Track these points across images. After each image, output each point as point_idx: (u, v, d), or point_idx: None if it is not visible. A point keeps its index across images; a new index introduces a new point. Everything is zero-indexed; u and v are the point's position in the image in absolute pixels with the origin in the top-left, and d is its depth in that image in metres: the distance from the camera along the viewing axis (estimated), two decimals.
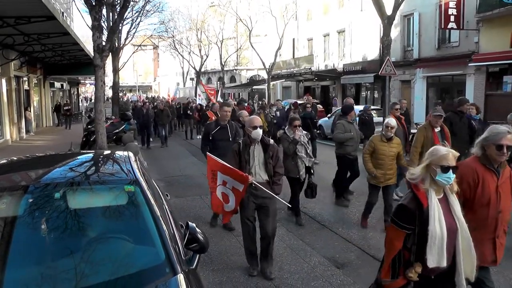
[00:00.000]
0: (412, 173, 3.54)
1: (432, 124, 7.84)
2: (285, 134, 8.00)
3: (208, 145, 7.87)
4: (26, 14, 12.55)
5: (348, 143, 9.10)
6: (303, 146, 7.83)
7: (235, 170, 5.44)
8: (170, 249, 3.09)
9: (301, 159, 7.77)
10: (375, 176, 7.44)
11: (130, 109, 28.76)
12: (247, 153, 5.71)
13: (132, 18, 30.27)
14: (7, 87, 19.92)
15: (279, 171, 5.85)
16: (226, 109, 8.07)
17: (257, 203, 5.76)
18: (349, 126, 9.21)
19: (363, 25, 29.78)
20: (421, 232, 3.38)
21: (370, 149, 7.53)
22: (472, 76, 20.71)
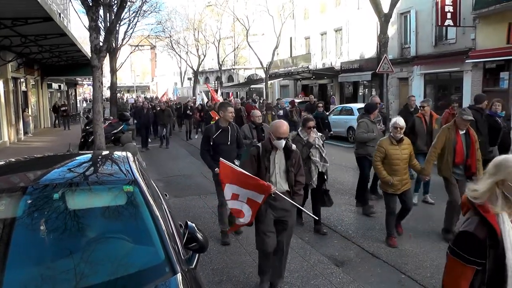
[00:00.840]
0: (475, 190, 2.63)
1: (458, 126, 6.97)
2: (299, 136, 7.29)
3: (209, 150, 7.19)
4: (23, 16, 12.53)
5: (370, 144, 8.45)
6: (318, 150, 7.24)
7: (255, 178, 4.83)
8: (169, 248, 3.09)
9: (315, 164, 7.18)
10: (391, 185, 6.72)
11: (128, 110, 28.78)
12: (267, 159, 5.12)
13: (129, 19, 30.33)
14: (5, 88, 19.89)
15: (300, 180, 5.26)
16: (230, 110, 7.23)
17: (276, 216, 5.15)
18: (372, 125, 8.64)
19: (360, 23, 29.82)
20: (495, 268, 2.48)
21: (381, 155, 6.83)
22: (469, 73, 20.76)
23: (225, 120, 7.19)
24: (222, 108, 7.28)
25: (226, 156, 6.27)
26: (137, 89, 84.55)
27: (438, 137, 7.14)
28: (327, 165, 7.41)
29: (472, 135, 7.03)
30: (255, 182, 4.81)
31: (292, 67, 39.26)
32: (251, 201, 4.88)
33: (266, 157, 5.11)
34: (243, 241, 7.01)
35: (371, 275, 5.77)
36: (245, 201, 4.90)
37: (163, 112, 20.10)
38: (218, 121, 7.23)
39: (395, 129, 6.75)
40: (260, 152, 5.15)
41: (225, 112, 7.17)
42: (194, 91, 47.68)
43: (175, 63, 59.81)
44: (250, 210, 4.93)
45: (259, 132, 8.21)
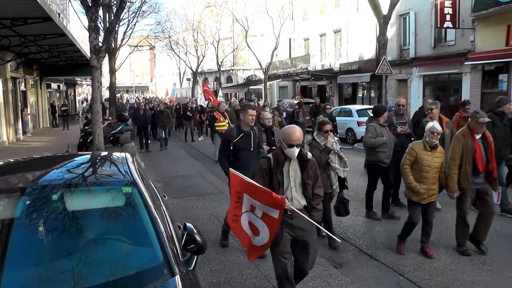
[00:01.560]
0: None
1: (474, 130, 6.43)
2: (315, 140, 6.76)
3: (228, 157, 6.54)
4: (22, 16, 12.53)
5: (380, 149, 7.94)
6: (336, 155, 6.78)
7: (267, 191, 4.21)
8: (168, 250, 3.10)
9: (335, 171, 6.71)
10: (417, 192, 6.25)
11: (127, 110, 28.75)
12: (280, 172, 4.50)
13: (128, 19, 30.23)
14: (4, 88, 19.88)
15: (318, 193, 4.65)
16: (251, 113, 6.52)
17: (294, 235, 4.55)
18: (381, 129, 8.02)
19: (359, 25, 29.82)
20: None
21: (411, 158, 6.35)
22: (468, 75, 20.77)
23: (246, 124, 6.53)
24: (242, 110, 6.65)
25: (247, 163, 6.24)
26: (136, 90, 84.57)
27: (454, 148, 6.49)
28: (347, 169, 6.94)
29: (488, 136, 6.58)
30: (266, 195, 4.18)
31: (291, 68, 39.27)
32: (267, 217, 4.25)
33: (279, 169, 4.51)
34: None
35: (370, 277, 5.77)
36: (260, 215, 4.31)
37: (162, 113, 19.51)
38: (240, 125, 6.57)
39: (431, 134, 6.22)
40: (272, 165, 4.54)
41: (245, 115, 6.51)
42: (193, 92, 47.72)
43: (174, 63, 59.85)
44: (266, 228, 4.29)
45: (269, 136, 7.73)
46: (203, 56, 48.61)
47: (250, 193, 4.31)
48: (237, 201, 4.46)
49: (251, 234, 4.48)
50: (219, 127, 14.25)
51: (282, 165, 4.52)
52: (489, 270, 5.90)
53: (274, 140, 7.58)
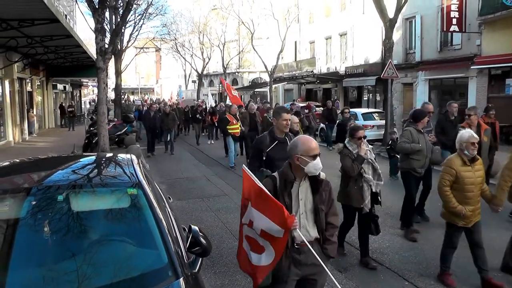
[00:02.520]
0: None
1: None
2: (346, 148, 6.18)
3: (260, 167, 5.67)
4: (29, 17, 12.58)
5: (415, 156, 7.34)
6: (370, 165, 6.12)
7: (279, 205, 3.45)
8: (172, 252, 3.10)
9: (367, 183, 6.06)
10: (463, 216, 5.37)
11: (133, 111, 28.79)
12: (288, 195, 3.68)
13: (134, 21, 30.34)
14: (10, 88, 19.97)
15: (333, 222, 3.81)
16: (285, 117, 5.68)
17: (302, 274, 3.70)
18: (418, 135, 7.40)
19: (365, 28, 29.80)
20: None
21: (451, 178, 5.43)
22: (474, 79, 20.71)
23: (280, 131, 5.69)
24: (275, 114, 5.84)
25: None
26: (142, 91, 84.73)
27: (508, 167, 5.75)
28: (381, 183, 6.23)
29: None
30: (278, 210, 3.41)
31: (296, 71, 39.25)
32: (268, 235, 3.53)
33: (287, 191, 3.68)
34: None
35: (374, 282, 5.75)
36: (258, 232, 3.58)
37: (167, 116, 18.64)
38: (273, 131, 5.75)
39: (471, 145, 5.37)
40: (278, 185, 3.74)
41: (279, 120, 5.66)
42: (198, 94, 47.79)
43: (180, 65, 59.91)
44: (270, 246, 3.54)
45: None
46: (208, 58, 48.66)
47: (256, 203, 3.58)
48: (244, 206, 3.80)
49: (249, 251, 3.75)
50: (231, 130, 14.24)
51: (290, 186, 3.69)
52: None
53: None
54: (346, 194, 6.17)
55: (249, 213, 3.67)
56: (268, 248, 3.53)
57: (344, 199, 6.24)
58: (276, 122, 5.77)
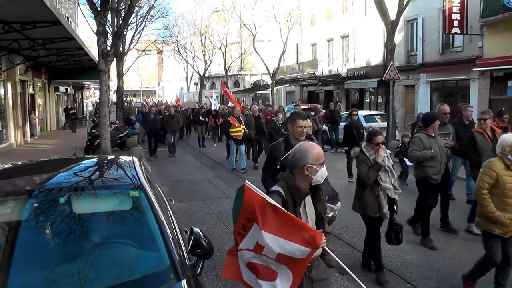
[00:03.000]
0: None
1: None
2: (363, 154, 5.83)
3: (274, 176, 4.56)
4: (32, 19, 12.61)
5: (429, 163, 6.96)
6: (388, 172, 5.79)
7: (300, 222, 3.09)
8: (174, 254, 3.10)
9: (384, 191, 5.73)
10: (501, 224, 4.93)
11: (134, 114, 28.79)
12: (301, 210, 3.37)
13: (136, 23, 30.43)
14: (13, 91, 20.00)
15: (328, 230, 3.76)
16: (301, 124, 5.09)
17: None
18: (430, 141, 6.99)
19: (367, 30, 29.83)
20: None
21: (491, 181, 5.02)
22: (476, 81, 20.71)
23: (295, 138, 5.13)
24: (290, 120, 5.31)
25: None
26: (143, 94, 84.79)
27: None
28: (399, 191, 5.89)
29: None
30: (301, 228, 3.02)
31: (298, 73, 39.28)
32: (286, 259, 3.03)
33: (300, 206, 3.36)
34: None
35: (376, 284, 5.73)
36: (273, 257, 3.04)
37: (172, 118, 18.08)
38: (288, 138, 5.23)
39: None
40: (287, 199, 3.30)
41: (293, 126, 5.13)
42: (200, 97, 47.81)
43: (182, 68, 59.95)
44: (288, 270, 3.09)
45: None
46: (210, 60, 48.69)
47: (268, 224, 3.01)
48: (242, 228, 3.22)
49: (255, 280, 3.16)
50: (233, 133, 14.09)
51: (301, 200, 3.35)
52: None
53: None
54: (362, 202, 5.83)
55: (254, 237, 3.08)
56: (283, 273, 3.09)
57: (359, 208, 5.92)
58: (291, 129, 5.23)
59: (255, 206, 3.03)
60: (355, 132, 11.72)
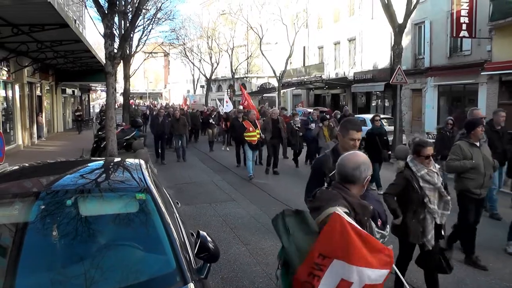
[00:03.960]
0: None
1: None
2: (408, 169, 4.96)
3: None
4: (40, 22, 12.67)
5: (469, 175, 6.26)
6: (437, 191, 4.86)
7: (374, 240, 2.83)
8: (180, 257, 3.09)
9: (432, 214, 4.82)
10: None
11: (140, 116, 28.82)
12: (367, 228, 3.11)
13: (143, 26, 30.56)
14: (20, 93, 20.10)
15: None
16: (355, 136, 4.17)
17: None
18: (472, 149, 6.31)
19: (374, 33, 29.78)
20: None
21: None
22: (485, 85, 20.59)
23: (345, 150, 3.99)
24: (342, 130, 4.31)
25: None
26: (150, 96, 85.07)
27: None
28: (448, 213, 4.95)
29: None
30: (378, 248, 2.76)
31: (305, 76, 39.28)
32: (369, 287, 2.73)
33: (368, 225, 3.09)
34: (254, 251, 6.96)
35: None
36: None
37: (178, 121, 17.52)
38: (337, 150, 4.24)
39: None
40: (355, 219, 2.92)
41: (345, 137, 4.21)
42: (207, 99, 47.91)
43: (188, 70, 60.12)
44: None
45: None
46: (217, 63, 48.79)
47: (354, 257, 2.65)
48: (315, 268, 2.73)
49: None
50: (248, 138, 13.44)
51: (367, 220, 3.07)
52: None
53: None
54: (402, 227, 4.97)
55: (337, 274, 2.70)
56: None
57: (399, 233, 5.06)
58: (341, 139, 4.29)
59: (341, 239, 2.65)
60: (378, 139, 11.05)
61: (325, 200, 2.83)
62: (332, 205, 2.77)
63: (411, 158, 5.02)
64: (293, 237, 2.69)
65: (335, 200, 2.84)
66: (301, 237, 2.64)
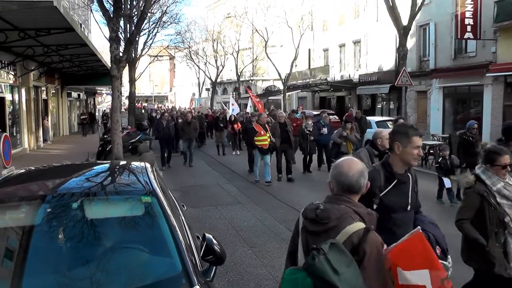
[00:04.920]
0: None
1: None
2: (481, 183, 4.13)
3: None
4: (46, 26, 12.74)
5: None
6: None
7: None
8: (186, 260, 3.09)
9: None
10: None
11: (146, 118, 28.89)
12: None
13: (149, 29, 30.67)
14: (26, 96, 20.22)
15: None
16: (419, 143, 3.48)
17: None
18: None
19: (379, 36, 29.74)
20: None
21: None
22: (490, 87, 20.50)
23: (405, 163, 3.48)
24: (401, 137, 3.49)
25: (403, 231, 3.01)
26: (155, 99, 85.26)
27: None
28: None
29: None
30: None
31: (310, 79, 39.24)
32: None
33: None
34: (259, 253, 6.96)
35: None
36: None
37: (188, 125, 16.70)
38: (389, 163, 3.54)
39: None
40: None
41: (406, 147, 3.43)
42: (212, 102, 47.99)
43: (194, 73, 60.25)
44: None
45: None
46: (222, 66, 48.90)
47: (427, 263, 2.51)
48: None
49: None
50: (258, 142, 12.74)
51: None
52: None
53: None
54: (482, 254, 4.02)
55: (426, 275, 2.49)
56: None
57: (478, 262, 4.15)
58: (399, 149, 3.46)
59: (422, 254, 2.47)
60: None
61: (337, 219, 2.51)
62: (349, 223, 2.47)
63: (483, 169, 4.17)
64: (343, 275, 2.25)
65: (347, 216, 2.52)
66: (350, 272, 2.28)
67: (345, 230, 2.44)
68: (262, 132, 12.67)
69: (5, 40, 13.29)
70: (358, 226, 2.45)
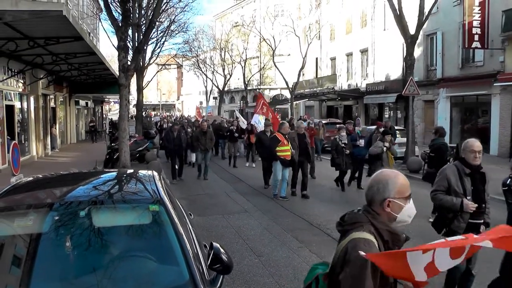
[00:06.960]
0: None
1: None
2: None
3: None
4: (55, 35, 12.84)
5: None
6: None
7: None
8: (194, 269, 3.08)
9: None
10: None
11: (153, 127, 28.96)
12: None
13: (157, 38, 30.81)
14: (35, 104, 20.37)
15: None
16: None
17: None
18: None
19: (386, 45, 29.76)
20: None
21: None
22: (498, 96, 20.41)
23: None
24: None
25: None
26: (163, 107, 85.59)
27: None
28: None
29: None
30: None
31: (317, 87, 39.29)
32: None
33: None
34: (266, 263, 6.94)
35: None
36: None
37: (204, 135, 15.36)
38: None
39: None
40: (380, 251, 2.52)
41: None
42: (220, 110, 48.07)
43: (201, 82, 60.46)
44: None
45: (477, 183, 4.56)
46: (230, 75, 49.04)
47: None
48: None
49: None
50: (281, 153, 11.64)
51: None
52: None
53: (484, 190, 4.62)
54: None
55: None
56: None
57: None
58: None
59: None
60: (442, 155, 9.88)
61: (351, 224, 2.51)
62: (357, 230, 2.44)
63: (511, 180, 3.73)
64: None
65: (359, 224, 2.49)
66: None
67: (349, 235, 2.46)
68: (285, 142, 11.62)
69: (15, 49, 13.39)
70: (359, 235, 2.41)
